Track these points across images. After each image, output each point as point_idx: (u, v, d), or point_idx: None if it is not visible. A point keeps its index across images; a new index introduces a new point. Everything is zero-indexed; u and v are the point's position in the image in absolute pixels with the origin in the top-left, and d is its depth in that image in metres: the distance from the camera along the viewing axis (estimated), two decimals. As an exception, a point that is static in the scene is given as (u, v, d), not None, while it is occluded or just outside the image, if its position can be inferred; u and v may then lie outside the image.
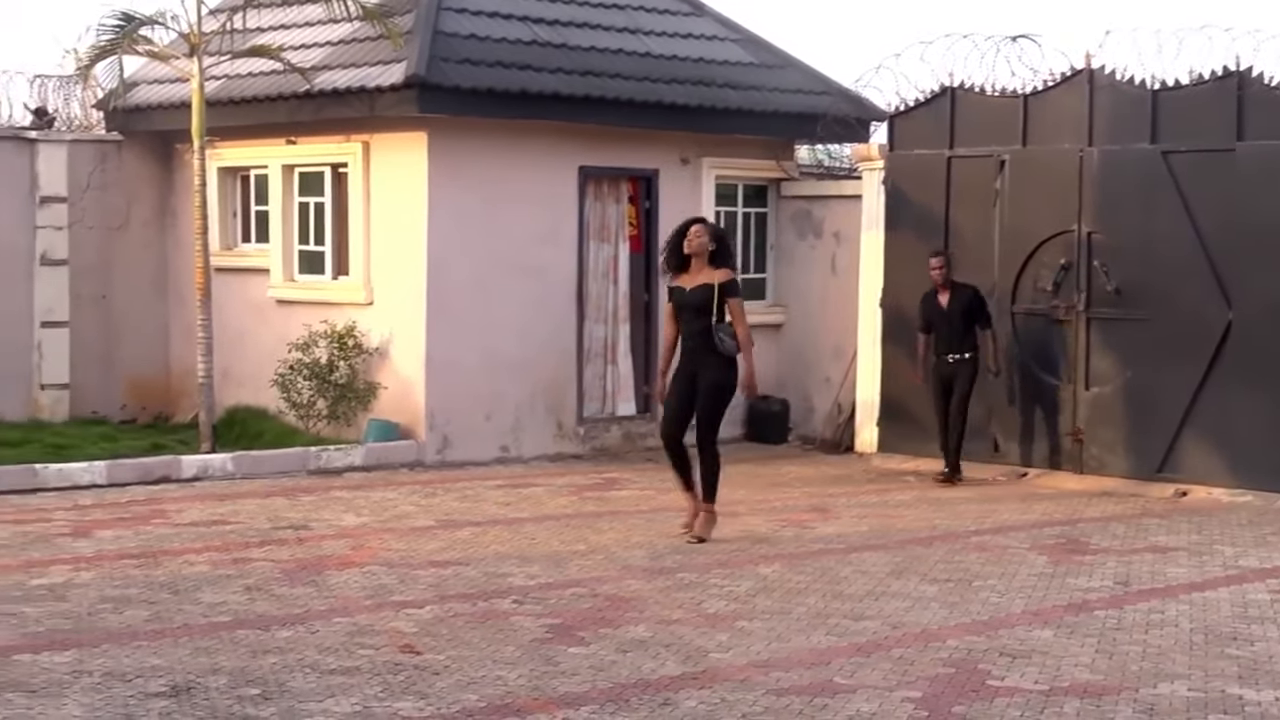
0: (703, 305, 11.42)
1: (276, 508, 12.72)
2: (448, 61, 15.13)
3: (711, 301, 11.40)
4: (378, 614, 8.93)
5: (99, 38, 15.08)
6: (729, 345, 11.38)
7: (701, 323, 11.40)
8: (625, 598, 9.50)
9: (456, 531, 11.73)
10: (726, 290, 11.45)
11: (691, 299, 11.47)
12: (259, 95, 16.06)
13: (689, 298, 11.49)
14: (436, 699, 7.19)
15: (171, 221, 17.60)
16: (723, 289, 11.43)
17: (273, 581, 9.79)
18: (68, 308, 17.02)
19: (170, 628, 8.53)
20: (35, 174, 16.87)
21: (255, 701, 7.09)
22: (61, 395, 16.92)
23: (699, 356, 11.45)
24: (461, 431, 15.50)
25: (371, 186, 15.72)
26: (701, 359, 11.43)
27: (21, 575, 9.84)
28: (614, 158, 16.61)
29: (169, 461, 14.27)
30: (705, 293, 11.44)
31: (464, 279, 15.47)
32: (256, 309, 16.67)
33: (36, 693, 7.20)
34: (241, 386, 16.53)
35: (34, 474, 13.41)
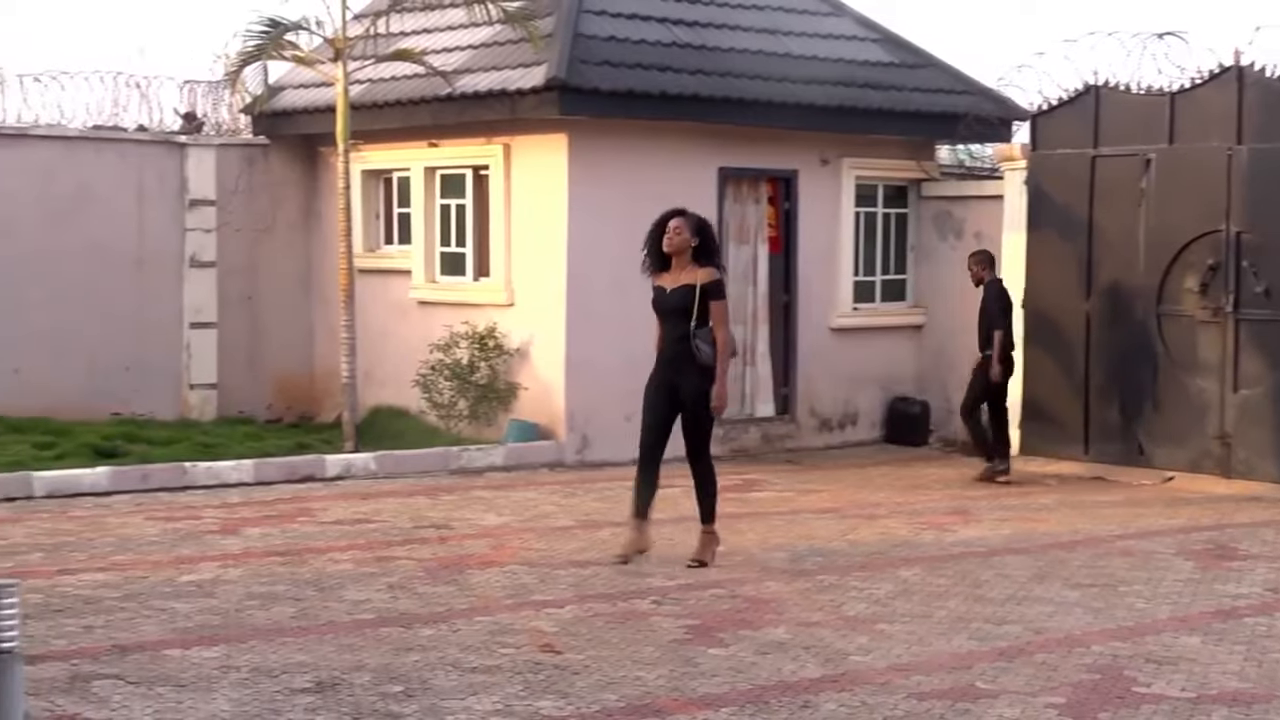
0: (683, 308, 10.28)
1: (418, 507, 12.86)
2: (588, 64, 15.20)
3: (691, 304, 10.25)
4: (518, 613, 8.99)
5: (246, 43, 15.35)
6: (707, 354, 10.24)
7: (681, 328, 10.29)
8: (765, 599, 9.48)
9: (596, 532, 11.77)
10: (708, 292, 10.27)
11: (671, 301, 10.37)
12: (402, 99, 16.24)
13: (668, 299, 10.39)
14: (576, 698, 7.23)
15: (316, 224, 17.86)
16: (704, 291, 10.26)
17: (415, 580, 9.89)
18: (216, 309, 17.33)
19: (315, 624, 8.65)
20: (185, 178, 17.21)
21: (398, 698, 7.17)
22: (210, 395, 17.24)
23: (678, 365, 10.33)
24: (601, 432, 15.56)
25: (512, 188, 15.83)
26: (681, 368, 10.31)
27: (172, 571, 10.03)
28: (753, 159, 16.59)
29: (314, 461, 14.48)
30: (686, 294, 10.29)
31: (603, 280, 15.53)
32: (399, 310, 16.85)
33: (186, 687, 7.33)
34: (384, 387, 16.72)
35: (184, 472, 13.66)
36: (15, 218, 16.16)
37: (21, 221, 16.21)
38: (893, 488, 14.41)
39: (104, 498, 12.94)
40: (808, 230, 17.02)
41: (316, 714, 6.93)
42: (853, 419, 17.41)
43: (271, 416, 17.53)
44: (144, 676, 7.48)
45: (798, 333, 17.02)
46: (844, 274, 17.30)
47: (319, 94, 16.83)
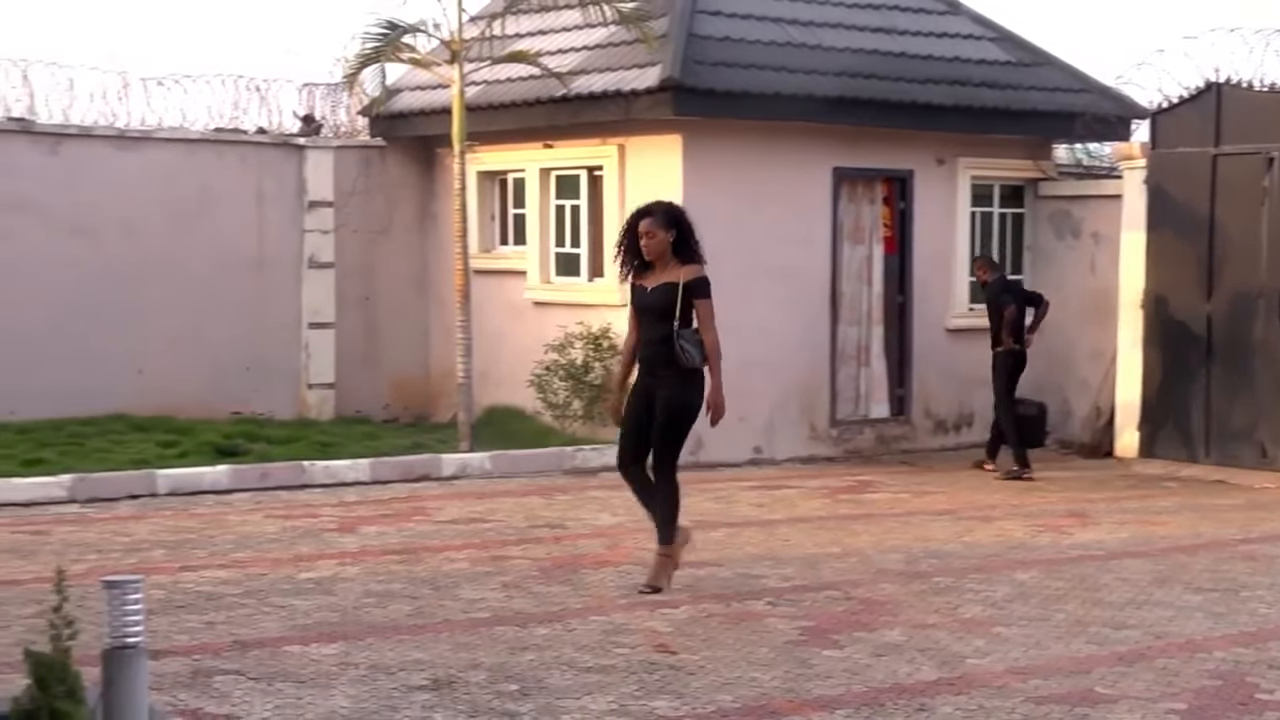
0: (665, 308, 9.49)
1: (533, 506, 12.92)
2: (702, 64, 15.21)
3: (675, 304, 9.48)
4: (633, 613, 9.01)
5: (364, 46, 15.49)
6: (692, 356, 9.46)
7: (662, 329, 9.48)
8: (880, 601, 9.44)
9: (711, 532, 11.77)
10: (693, 290, 9.51)
11: (652, 300, 9.56)
12: (517, 100, 16.33)
13: (649, 299, 9.58)
14: (691, 699, 7.23)
15: (432, 225, 18.00)
16: (689, 289, 9.50)
17: (530, 579, 9.94)
18: (334, 309, 17.52)
19: (431, 623, 8.72)
20: (303, 180, 17.41)
21: (514, 697, 7.21)
22: (327, 395, 17.43)
23: (658, 369, 9.54)
24: (714, 433, 15.36)
25: (626, 189, 15.87)
26: (660, 372, 9.52)
27: (291, 569, 10.15)
28: (868, 158, 16.52)
29: (429, 460, 14.59)
30: (668, 293, 9.51)
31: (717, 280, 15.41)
32: (514, 310, 16.95)
33: (305, 683, 7.41)
34: (499, 387, 16.82)
35: (302, 471, 13.83)
36: (140, 220, 16.43)
37: (146, 223, 16.48)
38: (1009, 489, 14.30)
39: (224, 495, 13.13)
40: (923, 230, 16.92)
41: (433, 711, 6.98)
42: (968, 420, 17.28)
43: (388, 416, 17.70)
44: (264, 672, 7.58)
45: (913, 333, 16.92)
46: (959, 274, 17.17)
47: (435, 96, 16.96)
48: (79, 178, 16.13)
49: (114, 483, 13.06)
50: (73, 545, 10.91)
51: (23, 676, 5.06)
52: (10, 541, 11.05)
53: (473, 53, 15.92)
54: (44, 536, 11.26)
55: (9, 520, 11.86)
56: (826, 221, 16.27)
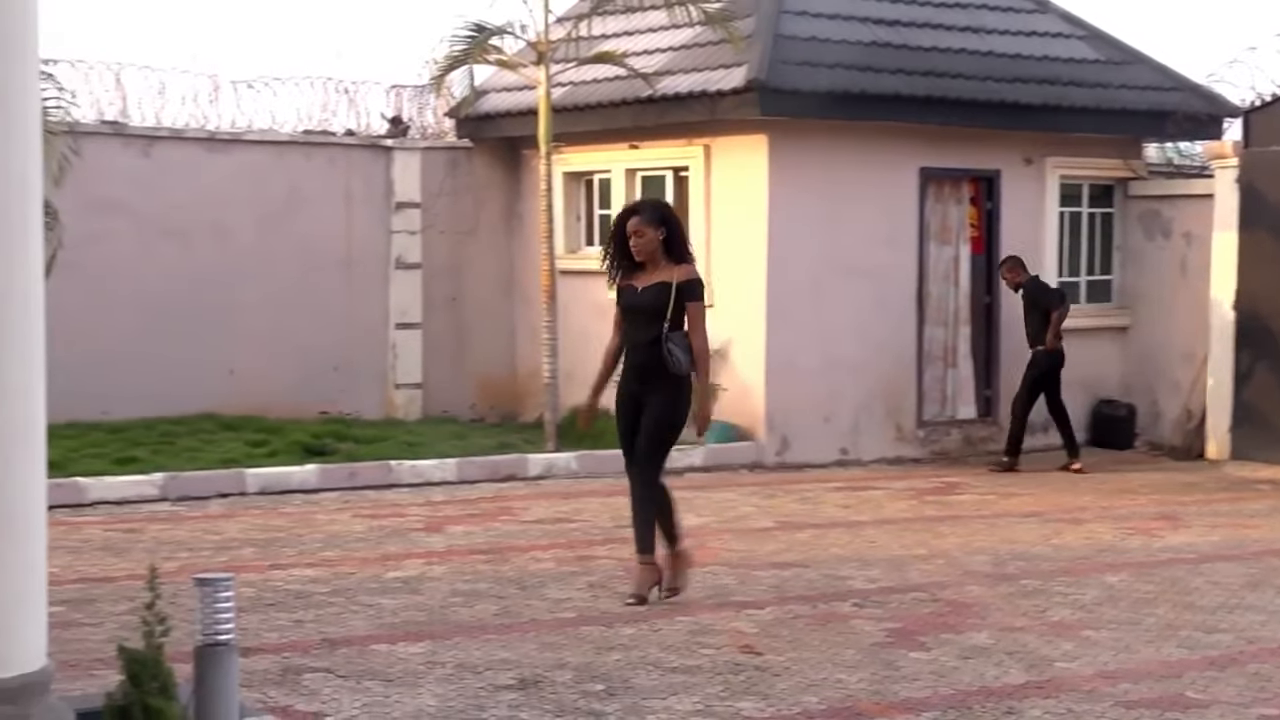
0: (656, 309, 9.09)
1: (619, 506, 12.85)
2: (788, 64, 15.18)
3: (666, 305, 9.07)
4: (718, 614, 9.01)
5: (452, 48, 15.58)
6: (679, 361, 9.07)
7: (651, 331, 9.09)
8: (967, 603, 9.39)
9: (796, 533, 11.75)
10: (686, 292, 9.12)
11: (643, 301, 9.18)
12: (603, 101, 16.36)
13: (639, 299, 9.20)
14: (777, 700, 7.23)
15: (518, 225, 18.07)
16: (681, 291, 9.11)
17: (616, 579, 9.96)
18: (420, 310, 17.62)
19: (518, 622, 8.76)
20: (390, 181, 17.53)
21: (600, 697, 7.23)
22: (414, 394, 17.53)
23: (646, 374, 9.17)
24: (800, 433, 15.53)
25: (712, 189, 15.87)
26: (648, 377, 9.16)
27: (378, 568, 10.22)
28: (955, 158, 16.43)
29: (516, 460, 14.65)
30: (659, 294, 9.12)
31: (804, 281, 15.50)
32: (599, 311, 16.92)
33: (393, 681, 7.47)
34: (585, 387, 16.57)
35: (389, 470, 13.92)
36: (230, 221, 16.59)
37: (236, 224, 16.64)
38: (1097, 492, 14.18)
39: (313, 495, 13.24)
40: (1010, 230, 16.80)
41: (519, 711, 7.01)
42: (1056, 422, 17.13)
43: (474, 416, 17.78)
44: (352, 670, 7.64)
45: (1000, 334, 16.80)
46: (1048, 275, 17.04)
47: (521, 97, 17.02)
48: (170, 180, 16.31)
49: (204, 481, 13.20)
50: (164, 543, 11.04)
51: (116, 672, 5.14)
52: (104, 539, 11.20)
53: (559, 54, 15.96)
54: (136, 534, 11.40)
55: (103, 518, 12.02)
56: (913, 222, 16.20)
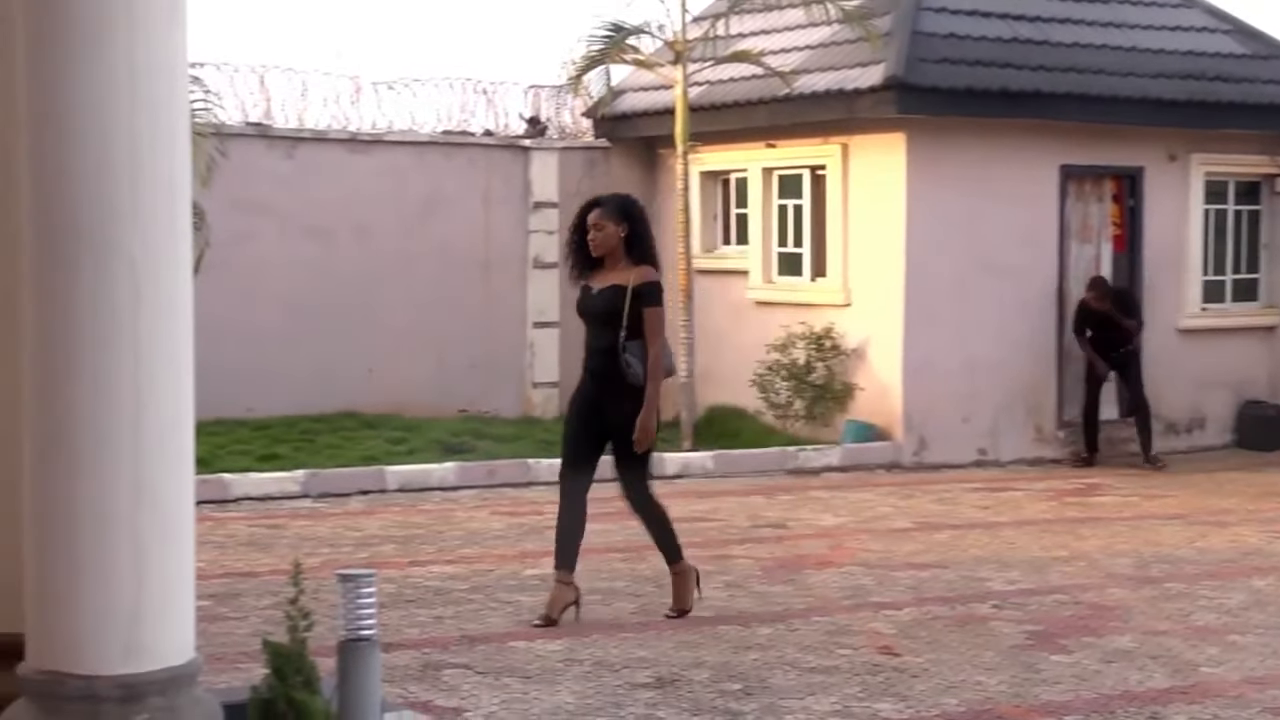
0: (610, 313, 8.48)
1: (755, 506, 12.93)
2: (926, 62, 15.07)
3: (620, 310, 8.44)
4: (856, 614, 8.97)
5: (590, 48, 15.65)
6: (639, 372, 8.46)
7: (606, 338, 8.50)
8: (1109, 606, 9.27)
9: (934, 534, 11.67)
10: (641, 296, 8.46)
11: (597, 304, 8.56)
12: (739, 100, 16.35)
13: (592, 303, 8.59)
14: (916, 701, 7.18)
15: (654, 224, 18.03)
16: (638, 294, 8.45)
17: (752, 579, 9.95)
18: (558, 309, 17.70)
19: (654, 621, 8.77)
20: (528, 181, 17.63)
21: (737, 696, 7.23)
22: (551, 393, 17.61)
23: (603, 383, 8.59)
24: (938, 433, 15.41)
25: (850, 188, 15.79)
26: (606, 387, 8.57)
27: (517, 565, 10.29)
28: (1097, 155, 16.21)
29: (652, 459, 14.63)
30: (614, 298, 8.47)
31: (942, 280, 15.38)
32: (735, 310, 16.96)
33: (531, 678, 7.52)
34: (721, 386, 16.84)
35: (527, 468, 14.00)
36: (372, 221, 16.78)
37: (378, 224, 16.83)
38: (1244, 494, 13.92)
39: (451, 492, 13.35)
40: (1154, 228, 16.56)
41: (657, 709, 7.03)
42: (1200, 423, 16.86)
43: (611, 415, 17.80)
44: (491, 667, 7.70)
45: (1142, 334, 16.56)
46: (1192, 273, 16.78)
47: (658, 96, 17.05)
48: (313, 180, 16.53)
49: (345, 479, 13.37)
50: (306, 539, 11.20)
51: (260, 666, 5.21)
52: (248, 534, 11.38)
53: (696, 53, 15.97)
54: (279, 530, 11.57)
55: (246, 514, 12.21)
56: (1053, 220, 16.01)
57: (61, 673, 4.79)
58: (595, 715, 6.94)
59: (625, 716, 6.93)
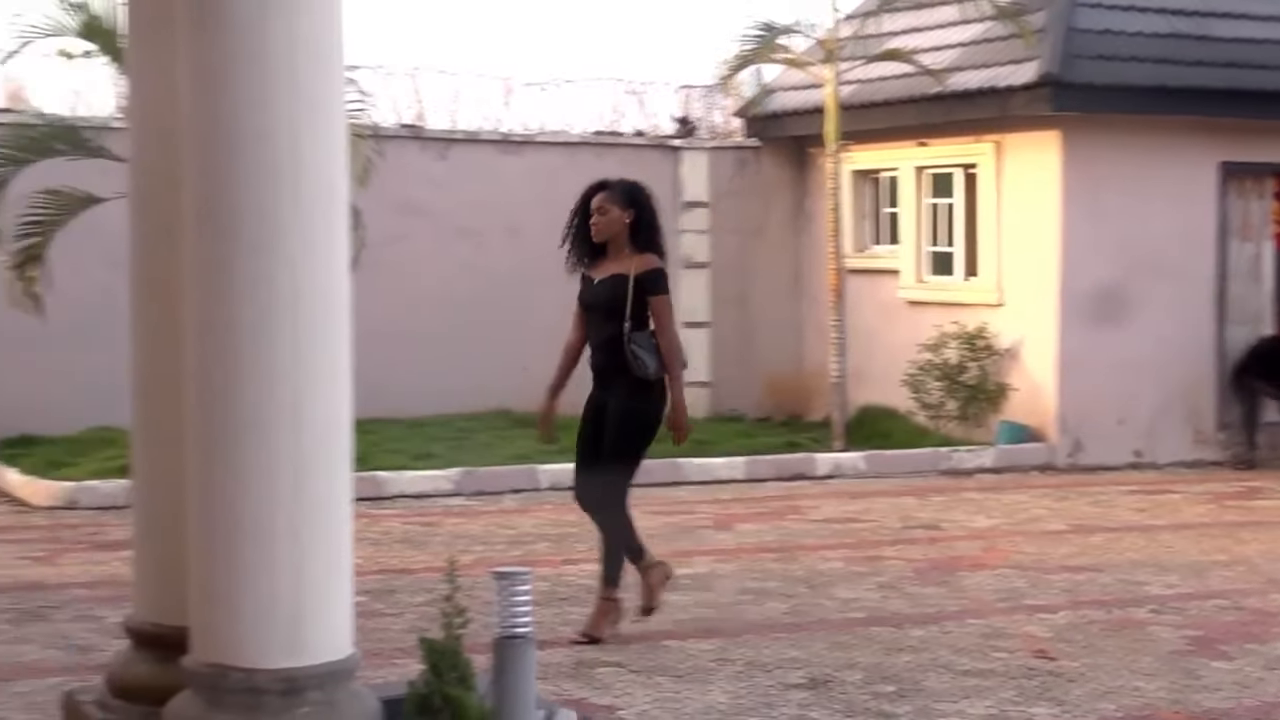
0: (612, 304, 8.06)
1: (907, 507, 12.84)
2: (1081, 58, 14.86)
3: (624, 301, 8.02)
4: (1010, 617, 8.87)
5: (741, 47, 15.64)
6: (645, 365, 8.02)
7: (608, 330, 8.07)
8: (1272, 612, 9.08)
9: (1089, 537, 11.51)
10: (646, 284, 8.04)
11: (598, 295, 8.15)
12: (890, 98, 16.24)
13: (594, 294, 8.18)
14: (1072, 706, 7.09)
15: (805, 224, 18.03)
16: (641, 283, 8.04)
17: (905, 580, 9.89)
18: (709, 309, 17.72)
19: (807, 621, 8.75)
20: (679, 181, 17.66)
21: (890, 698, 7.18)
22: (702, 393, 17.61)
23: (607, 377, 8.17)
24: (1093, 435, 15.19)
25: (1003, 187, 15.62)
26: (609, 381, 8.16)
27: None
28: (1258, 152, 15.87)
29: (803, 459, 14.64)
30: (616, 287, 8.07)
31: (1097, 279, 15.16)
32: (886, 310, 16.85)
33: (683, 677, 7.53)
34: (872, 386, 16.73)
35: (678, 468, 14.02)
36: (524, 221, 16.87)
37: (529, 224, 16.90)
38: None
39: (603, 491, 13.38)
40: (1320, 227, 16.19)
41: (809, 710, 7.01)
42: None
43: (762, 414, 17.80)
44: (644, 665, 7.73)
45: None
46: (1357, 272, 16.39)
47: (809, 95, 16.98)
48: (466, 181, 16.69)
49: (498, 477, 13.48)
50: (460, 536, 11.31)
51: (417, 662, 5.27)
52: (403, 532, 11.52)
53: (847, 52, 15.89)
54: (433, 528, 11.69)
55: (401, 511, 12.35)
56: (1212, 218, 15.71)
57: (224, 665, 4.89)
58: (747, 715, 6.94)
59: (777, 717, 6.92)
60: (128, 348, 5.75)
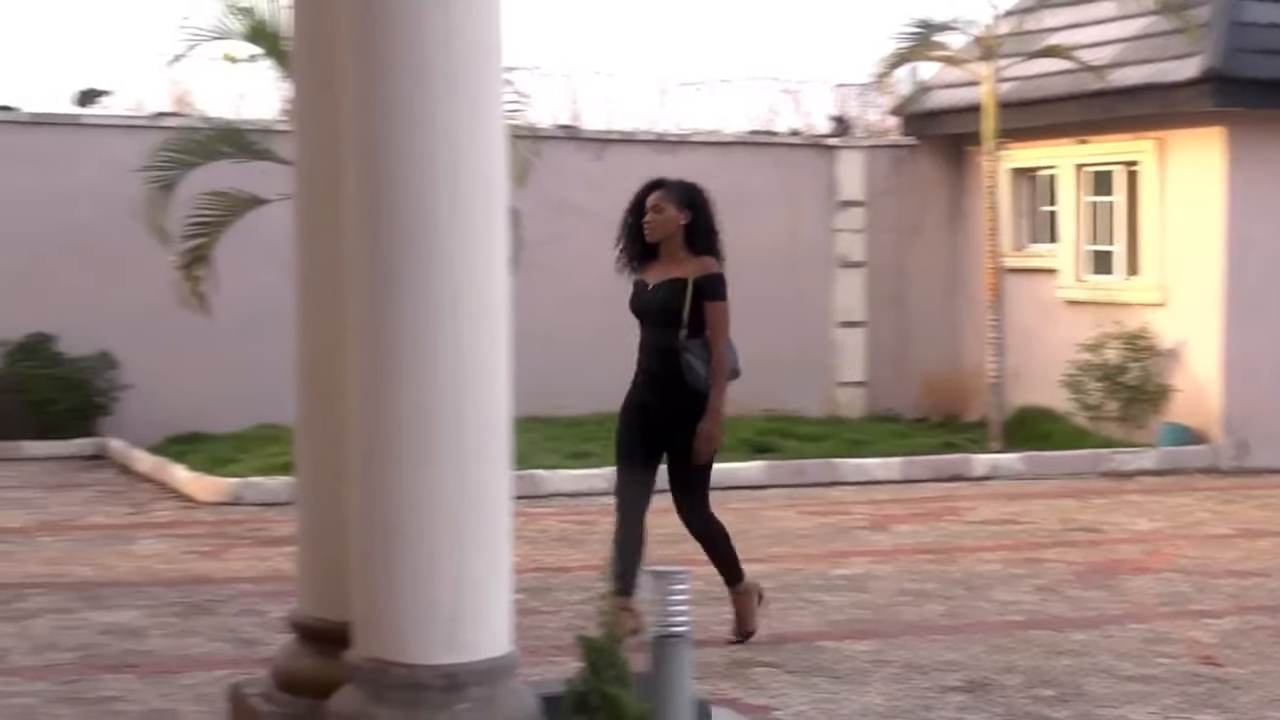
0: (668, 311, 7.77)
1: (1066, 509, 12.67)
2: (1246, 52, 14.58)
3: (681, 306, 7.73)
4: (1174, 622, 8.71)
5: (898, 46, 15.54)
6: (701, 376, 7.78)
7: (665, 338, 7.78)
8: None
9: (1256, 541, 11.27)
10: (705, 290, 7.77)
11: (652, 301, 7.85)
12: (1049, 95, 16.04)
13: (648, 299, 7.88)
14: (1239, 714, 6.94)
15: (962, 223, 17.87)
16: (699, 288, 7.77)
17: (1064, 583, 9.76)
18: (865, 308, 17.64)
19: (964, 624, 8.67)
20: (834, 180, 17.59)
21: (1050, 703, 7.08)
22: (857, 393, 17.55)
23: (660, 386, 7.87)
24: (1260, 436, 14.87)
25: (1166, 184, 15.36)
26: (662, 391, 7.86)
27: (824, 565, 10.27)
28: None
29: (960, 460, 14.51)
30: (672, 293, 7.76)
31: (1264, 277, 14.86)
32: (1045, 309, 16.65)
33: (840, 678, 7.49)
34: (1030, 387, 16.54)
35: (833, 468, 13.98)
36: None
37: (682, 224, 16.95)
38: None
39: (757, 491, 13.37)
40: None
41: (967, 713, 6.93)
42: None
43: (918, 415, 17.67)
44: (799, 666, 7.70)
45: None
46: None
47: (966, 93, 16.82)
48: (621, 181, 16.59)
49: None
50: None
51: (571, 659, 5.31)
52: (559, 530, 11.59)
53: (1005, 48, 15.72)
54: (590, 526, 11.74)
55: (557, 510, 12.42)
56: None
57: (386, 661, 4.95)
58: (905, 718, 6.88)
59: (935, 720, 6.87)
60: (291, 346, 5.84)
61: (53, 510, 12.33)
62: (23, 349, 15.33)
